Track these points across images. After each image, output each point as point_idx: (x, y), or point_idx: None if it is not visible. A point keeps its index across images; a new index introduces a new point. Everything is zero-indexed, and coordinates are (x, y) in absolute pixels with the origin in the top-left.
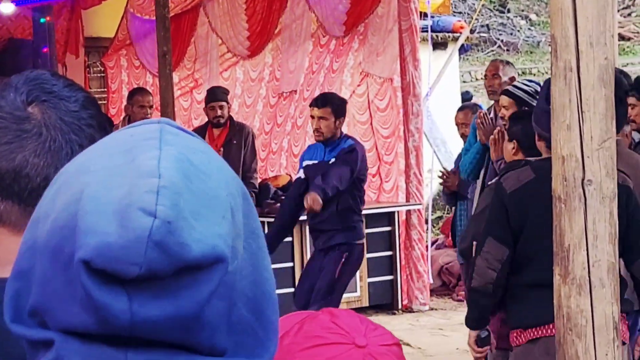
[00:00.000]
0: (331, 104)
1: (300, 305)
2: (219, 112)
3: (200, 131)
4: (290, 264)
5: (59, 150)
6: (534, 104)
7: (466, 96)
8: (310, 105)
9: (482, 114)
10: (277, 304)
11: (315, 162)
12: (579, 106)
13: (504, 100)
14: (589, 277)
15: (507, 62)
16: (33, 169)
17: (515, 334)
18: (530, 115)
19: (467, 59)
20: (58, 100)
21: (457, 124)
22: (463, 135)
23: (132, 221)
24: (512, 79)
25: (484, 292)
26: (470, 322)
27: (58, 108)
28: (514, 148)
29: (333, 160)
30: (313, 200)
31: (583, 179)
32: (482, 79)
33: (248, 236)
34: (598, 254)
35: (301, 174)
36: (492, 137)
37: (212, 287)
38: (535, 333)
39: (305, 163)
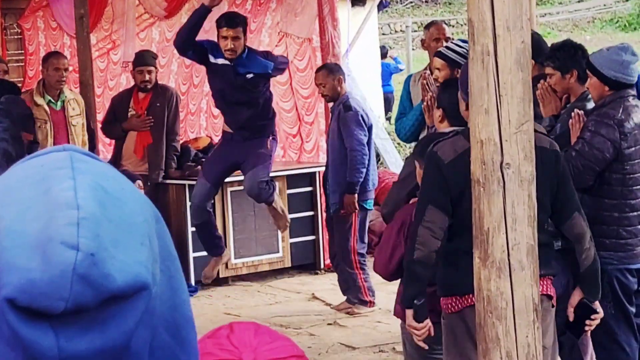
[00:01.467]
0: (241, 24)
1: None
2: (147, 77)
3: (126, 94)
4: None
5: None
6: None
7: (383, 50)
8: (220, 27)
9: (426, 76)
10: (194, 325)
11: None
12: (497, 90)
13: (437, 62)
14: (509, 259)
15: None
16: None
17: (450, 301)
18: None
19: (386, 11)
20: None
21: (316, 85)
22: (323, 95)
23: (55, 256)
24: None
25: (426, 263)
26: (408, 300)
27: None
28: (440, 115)
29: (251, 75)
30: None
31: (501, 163)
32: (401, 31)
33: (165, 259)
34: (517, 236)
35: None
36: (424, 103)
37: (138, 316)
38: (473, 300)
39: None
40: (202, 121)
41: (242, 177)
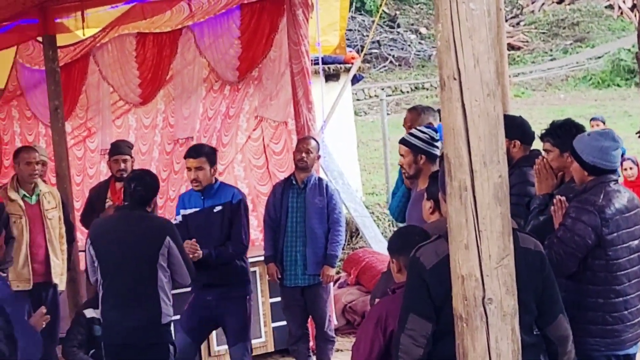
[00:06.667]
0: (205, 154)
1: None
2: (122, 166)
3: (104, 185)
4: None
5: None
6: (431, 151)
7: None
8: (185, 157)
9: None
10: None
11: (196, 209)
12: (476, 225)
13: (401, 148)
14: None
15: (427, 108)
16: None
17: None
18: None
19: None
20: None
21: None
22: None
23: None
24: (429, 124)
25: None
26: None
27: None
28: (431, 207)
29: (219, 208)
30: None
31: (484, 298)
32: (375, 96)
33: None
34: None
35: (178, 219)
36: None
37: None
38: None
39: (182, 212)
40: None
41: None
